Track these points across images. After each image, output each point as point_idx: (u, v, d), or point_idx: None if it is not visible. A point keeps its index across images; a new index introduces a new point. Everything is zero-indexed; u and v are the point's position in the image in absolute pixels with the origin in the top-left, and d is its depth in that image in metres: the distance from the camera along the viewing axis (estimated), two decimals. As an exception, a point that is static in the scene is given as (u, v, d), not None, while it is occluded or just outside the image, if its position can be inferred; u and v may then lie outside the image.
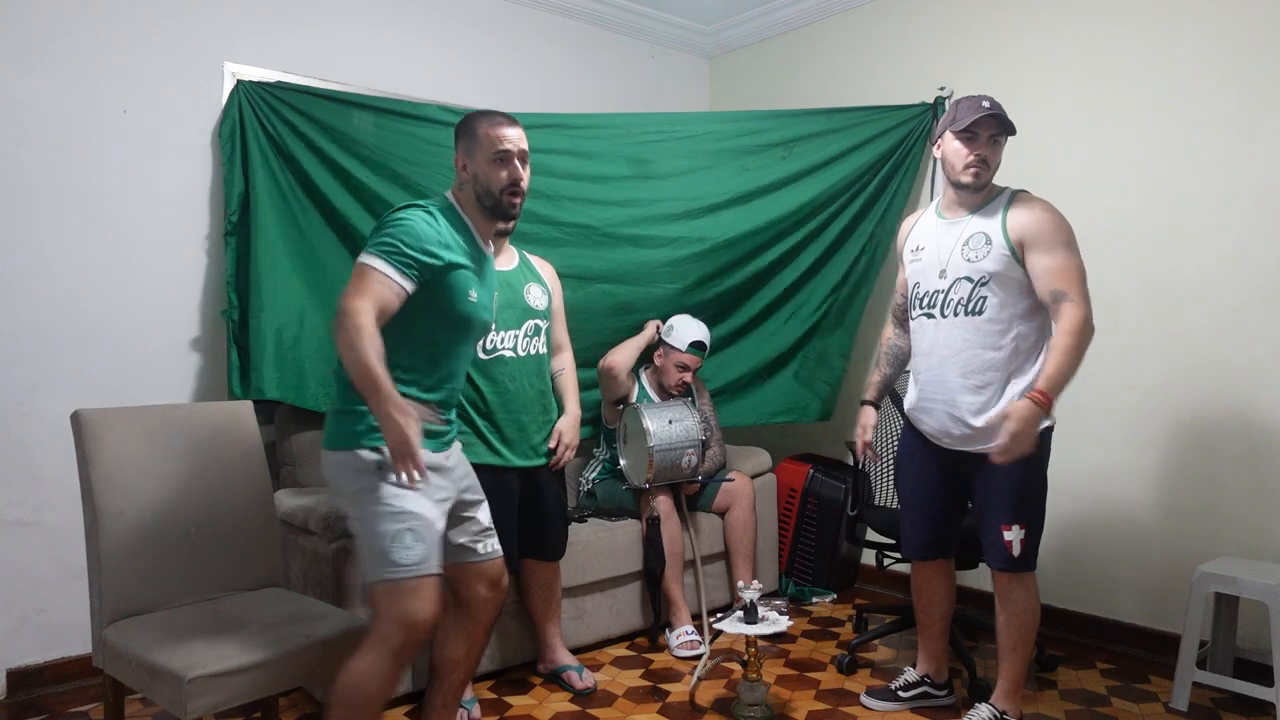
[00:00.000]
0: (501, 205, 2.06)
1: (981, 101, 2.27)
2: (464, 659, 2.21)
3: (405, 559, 1.85)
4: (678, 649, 3.11)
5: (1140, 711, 2.66)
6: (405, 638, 1.84)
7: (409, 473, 1.75)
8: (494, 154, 2.02)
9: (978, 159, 2.27)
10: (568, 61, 4.12)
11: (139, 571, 2.04)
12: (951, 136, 2.31)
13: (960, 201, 2.37)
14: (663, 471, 3.16)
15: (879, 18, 3.93)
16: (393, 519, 1.86)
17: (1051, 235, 2.23)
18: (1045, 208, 2.28)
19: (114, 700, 2.02)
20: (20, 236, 2.77)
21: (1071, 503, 3.28)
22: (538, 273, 2.80)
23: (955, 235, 2.34)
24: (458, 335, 2.04)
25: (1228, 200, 2.92)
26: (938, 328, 2.35)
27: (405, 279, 1.88)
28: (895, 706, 2.63)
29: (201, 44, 3.08)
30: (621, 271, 3.44)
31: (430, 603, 1.87)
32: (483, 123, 2.05)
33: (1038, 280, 2.22)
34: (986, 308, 2.27)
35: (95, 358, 2.88)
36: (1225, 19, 2.92)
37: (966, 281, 2.29)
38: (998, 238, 2.27)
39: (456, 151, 2.08)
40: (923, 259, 2.41)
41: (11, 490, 2.75)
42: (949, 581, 2.62)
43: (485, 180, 2.03)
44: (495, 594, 2.20)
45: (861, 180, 3.65)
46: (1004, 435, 2.11)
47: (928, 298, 2.38)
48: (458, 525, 2.10)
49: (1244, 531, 2.88)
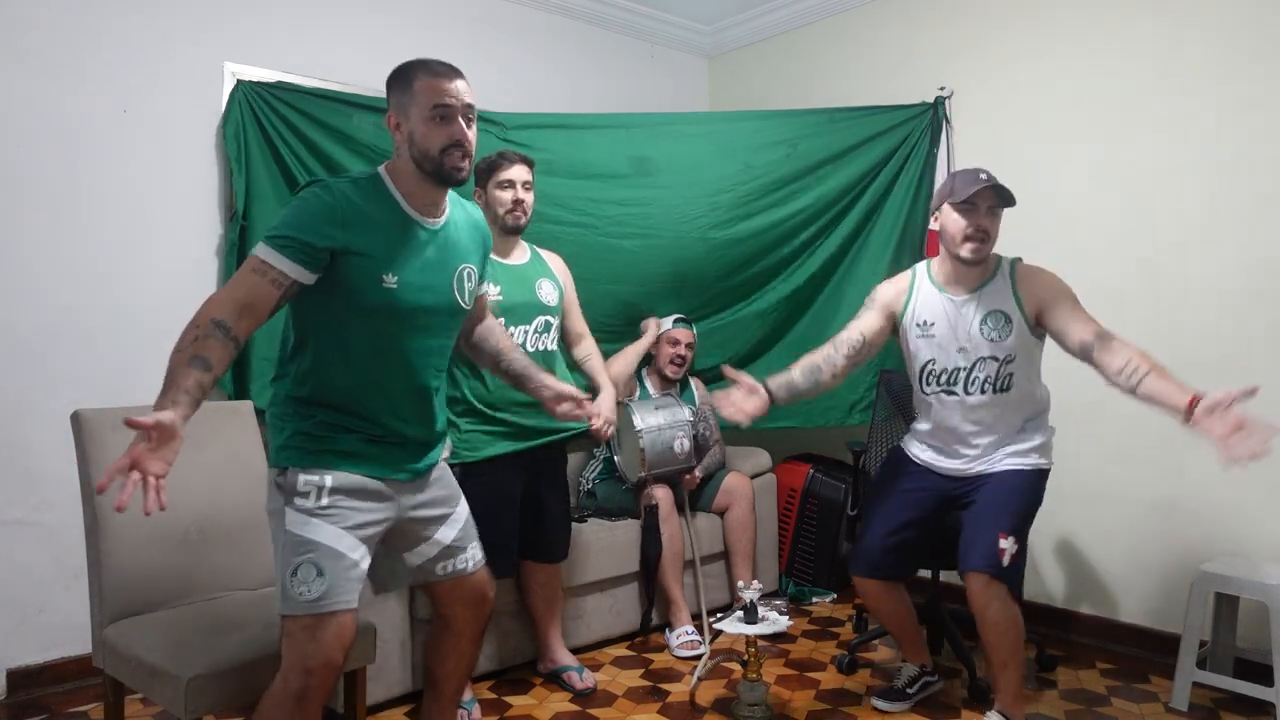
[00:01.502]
0: (444, 168, 1.74)
1: (979, 174, 2.30)
2: (454, 671, 2.08)
3: (302, 594, 1.67)
4: (678, 649, 3.11)
5: (1140, 711, 2.66)
6: (303, 683, 1.66)
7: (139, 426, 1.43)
8: (432, 109, 1.72)
9: (978, 230, 2.28)
10: (567, 61, 4.12)
11: (139, 571, 2.04)
12: (950, 208, 2.32)
13: (960, 277, 2.38)
14: (657, 458, 3.15)
15: (879, 18, 3.93)
16: (292, 549, 1.69)
17: (1064, 293, 2.30)
18: (1046, 272, 2.36)
19: (114, 700, 2.02)
20: (20, 236, 2.77)
21: (1072, 502, 3.28)
22: (549, 268, 2.81)
23: (970, 314, 2.36)
24: (377, 329, 1.75)
25: (1228, 200, 2.92)
26: (963, 406, 2.39)
27: (291, 263, 1.63)
28: (906, 705, 2.64)
29: (201, 44, 3.08)
30: (622, 271, 3.44)
31: (328, 646, 1.67)
32: (420, 73, 1.74)
33: (1069, 335, 2.25)
34: (1014, 384, 2.35)
35: (95, 358, 2.88)
36: (1225, 19, 2.92)
37: (992, 361, 2.34)
38: (1016, 316, 2.33)
39: (389, 108, 1.78)
40: (935, 335, 2.40)
41: (11, 490, 2.75)
42: (898, 591, 2.58)
43: (423, 141, 1.73)
44: (477, 612, 2.03)
45: (864, 180, 3.65)
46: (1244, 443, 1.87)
47: (946, 375, 2.39)
48: (414, 547, 1.92)
49: (1244, 531, 2.88)
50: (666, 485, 3.26)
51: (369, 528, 1.78)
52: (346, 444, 1.76)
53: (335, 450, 1.76)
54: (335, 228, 1.68)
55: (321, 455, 1.75)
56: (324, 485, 1.73)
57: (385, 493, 1.81)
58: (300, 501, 1.72)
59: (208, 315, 1.58)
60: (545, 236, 3.28)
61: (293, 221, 1.66)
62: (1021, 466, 2.40)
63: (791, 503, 3.80)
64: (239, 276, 1.64)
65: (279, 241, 1.64)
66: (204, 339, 1.55)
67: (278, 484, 1.74)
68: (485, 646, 2.81)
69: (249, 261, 1.65)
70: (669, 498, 3.23)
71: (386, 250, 1.74)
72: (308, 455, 1.74)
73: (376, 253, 1.72)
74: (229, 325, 1.58)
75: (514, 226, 2.66)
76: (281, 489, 1.73)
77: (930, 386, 2.44)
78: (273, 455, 1.78)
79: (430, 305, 1.81)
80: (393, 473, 1.82)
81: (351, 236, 1.69)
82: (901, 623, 2.65)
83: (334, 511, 1.73)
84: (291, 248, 1.64)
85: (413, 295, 1.76)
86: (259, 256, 1.64)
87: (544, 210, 3.32)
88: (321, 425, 1.77)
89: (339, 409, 1.77)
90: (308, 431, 1.76)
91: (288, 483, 1.72)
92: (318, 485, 1.73)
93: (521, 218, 2.66)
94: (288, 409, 1.79)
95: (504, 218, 2.64)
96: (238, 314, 1.60)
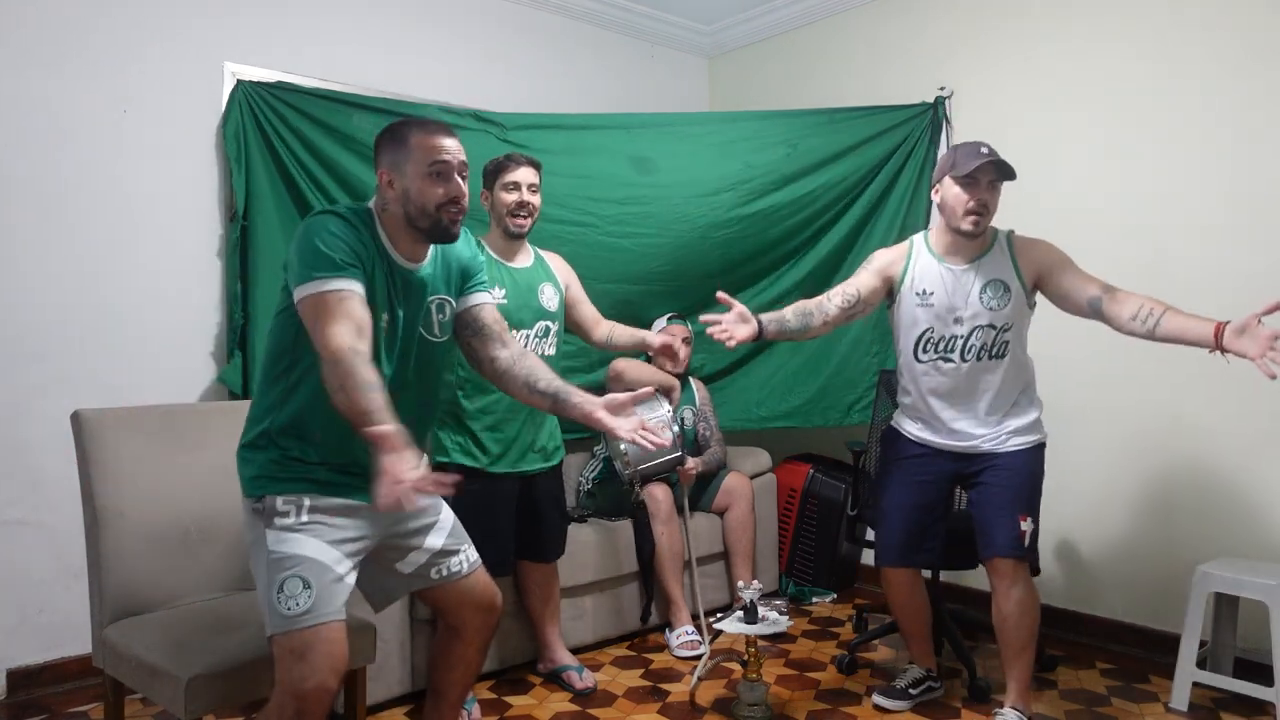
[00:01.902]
0: (442, 223, 1.76)
1: (980, 148, 2.36)
2: (460, 680, 2.06)
3: (290, 609, 1.64)
4: (678, 649, 3.11)
5: (1140, 711, 2.66)
6: (296, 707, 1.62)
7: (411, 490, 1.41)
8: (430, 166, 1.74)
9: (979, 204, 2.34)
10: (568, 61, 4.12)
11: (139, 571, 2.04)
12: (951, 182, 2.38)
13: (959, 248, 2.45)
14: (639, 455, 3.12)
15: (879, 18, 3.93)
16: (275, 567, 1.67)
17: (1062, 257, 2.40)
18: (1043, 241, 2.46)
19: (114, 700, 2.01)
20: (20, 237, 2.77)
21: (1072, 502, 3.28)
22: (551, 272, 2.81)
23: (969, 283, 2.42)
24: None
25: (1228, 199, 2.92)
26: (958, 371, 2.45)
27: (357, 282, 1.65)
28: (907, 705, 2.64)
29: (201, 44, 3.08)
30: (621, 270, 3.44)
31: (319, 669, 1.63)
32: (415, 131, 1.77)
33: (1072, 294, 2.34)
34: (1009, 350, 2.42)
35: (95, 358, 2.88)
36: (1226, 19, 2.92)
37: (990, 329, 2.41)
38: (1015, 285, 2.41)
39: (378, 165, 1.80)
40: (933, 304, 2.45)
41: (11, 490, 2.75)
42: (923, 588, 2.65)
43: (420, 197, 1.74)
44: (486, 618, 2.00)
45: (864, 180, 3.65)
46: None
47: (943, 343, 2.45)
48: (404, 557, 1.90)
49: (1244, 531, 2.88)
50: (665, 484, 3.26)
51: (352, 544, 1.77)
52: (320, 474, 1.76)
53: (309, 479, 1.75)
54: (362, 245, 1.71)
55: (297, 483, 1.74)
56: (303, 504, 1.72)
57: (364, 511, 1.78)
58: (280, 520, 1.70)
59: (338, 349, 1.55)
60: (545, 236, 3.28)
61: (332, 241, 1.66)
62: (1025, 445, 2.47)
63: (791, 503, 3.80)
64: (328, 312, 1.60)
65: (334, 266, 1.63)
66: (353, 368, 1.53)
67: (255, 510, 1.72)
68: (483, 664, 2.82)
69: (324, 299, 1.61)
70: (668, 498, 3.23)
71: (378, 288, 1.74)
72: (283, 483, 1.74)
73: (373, 287, 1.73)
74: (359, 348, 1.57)
75: (516, 232, 2.66)
76: (260, 514, 1.71)
77: (927, 354, 2.48)
78: (247, 486, 1.76)
79: (406, 341, 1.82)
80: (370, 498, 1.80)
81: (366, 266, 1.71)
82: (917, 619, 2.67)
83: (315, 527, 1.72)
84: (349, 267, 1.65)
85: (392, 335, 1.78)
86: (331, 289, 1.61)
87: (544, 210, 3.31)
88: (292, 458, 1.76)
89: (313, 443, 1.76)
90: (280, 460, 1.76)
91: (266, 507, 1.71)
92: (297, 504, 1.72)
93: (525, 222, 2.66)
94: (260, 442, 1.79)
95: (507, 220, 2.64)
96: (356, 335, 1.59)
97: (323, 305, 1.61)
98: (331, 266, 1.64)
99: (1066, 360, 3.29)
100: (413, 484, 1.40)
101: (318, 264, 1.64)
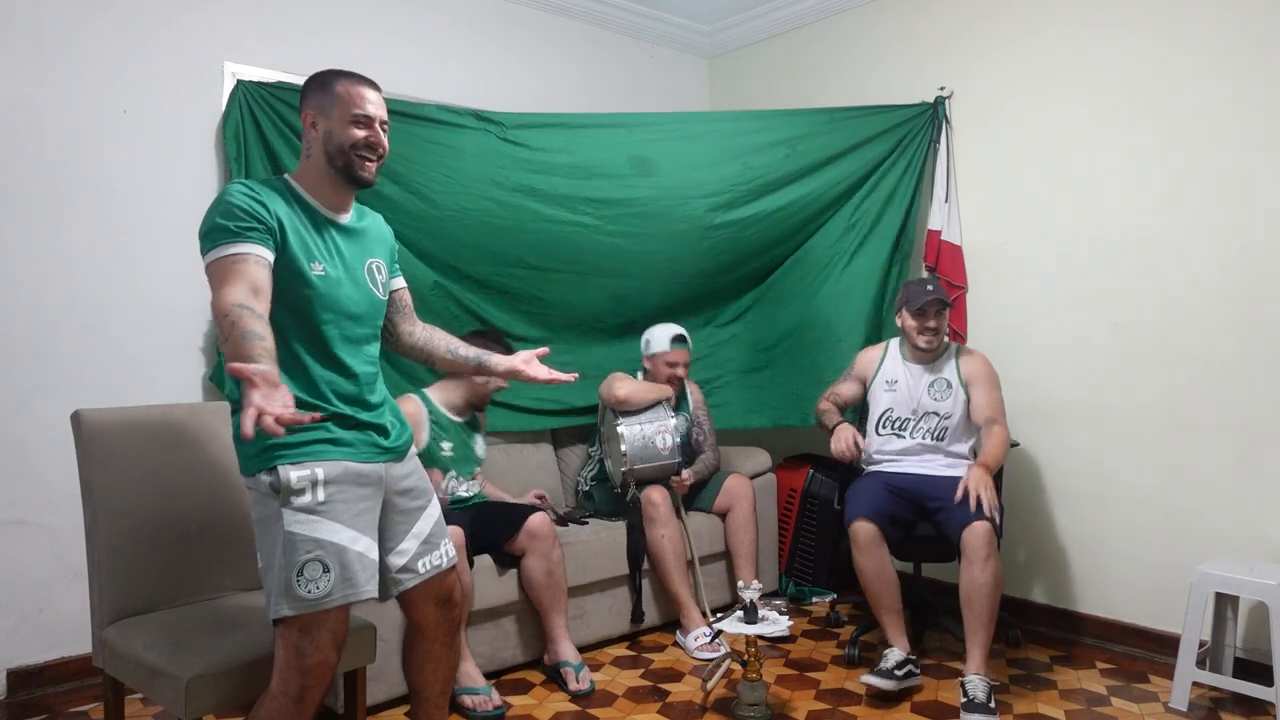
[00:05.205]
0: (353, 164, 1.85)
1: (926, 286, 3.00)
2: (433, 678, 2.07)
3: (309, 593, 1.68)
4: (696, 650, 3.09)
5: (1140, 711, 2.66)
6: (301, 682, 1.68)
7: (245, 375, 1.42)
8: (353, 115, 1.84)
9: (930, 330, 3.00)
10: (568, 61, 4.12)
11: (139, 571, 2.04)
12: (908, 314, 3.03)
13: (919, 357, 3.09)
14: (639, 454, 3.15)
15: (879, 17, 3.93)
16: (294, 548, 1.69)
17: (988, 378, 3.02)
18: (982, 358, 3.08)
19: (114, 700, 2.02)
20: (21, 237, 2.77)
21: (1071, 503, 3.28)
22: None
23: (923, 381, 3.06)
24: (304, 321, 1.80)
25: (1228, 199, 2.92)
26: (904, 444, 3.06)
27: (257, 245, 1.69)
28: (894, 684, 2.69)
29: (201, 44, 3.08)
30: (621, 268, 3.45)
31: (323, 644, 1.70)
32: (343, 80, 1.86)
33: (977, 408, 2.98)
34: (947, 435, 3.03)
35: (95, 358, 2.88)
36: (1226, 19, 2.92)
37: (934, 416, 3.04)
38: (955, 383, 3.04)
39: (304, 108, 1.87)
40: (897, 391, 3.09)
41: (11, 490, 2.75)
42: (890, 563, 2.83)
43: (339, 137, 1.83)
44: (446, 612, 2.03)
45: (864, 180, 3.65)
46: (971, 484, 2.69)
47: (899, 422, 3.08)
48: (398, 544, 1.93)
49: (1244, 531, 2.88)
50: (663, 488, 3.26)
51: (367, 514, 1.83)
52: (320, 432, 1.78)
53: (318, 439, 1.76)
54: (264, 208, 1.74)
55: (307, 446, 1.75)
56: (318, 479, 1.74)
57: (372, 475, 1.84)
58: (298, 500, 1.71)
59: (224, 305, 1.58)
60: (545, 236, 3.29)
61: (230, 211, 1.70)
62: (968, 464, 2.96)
63: (791, 503, 3.80)
64: (222, 276, 1.64)
65: (230, 233, 1.68)
66: (238, 320, 1.55)
67: (271, 486, 1.72)
68: (484, 646, 2.82)
69: (221, 264, 1.66)
70: (666, 501, 3.23)
71: (303, 243, 1.81)
72: (292, 449, 1.74)
73: (296, 244, 1.79)
74: (249, 304, 1.59)
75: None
76: (276, 490, 1.72)
77: (884, 429, 3.09)
78: (252, 461, 1.76)
79: (351, 295, 1.88)
80: (374, 456, 1.86)
81: (280, 219, 1.76)
82: (888, 593, 2.81)
83: (333, 505, 1.74)
84: (248, 231, 1.69)
85: (334, 286, 1.84)
86: (228, 254, 1.66)
87: (544, 210, 3.33)
88: None
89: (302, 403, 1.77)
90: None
91: (281, 483, 1.71)
92: (312, 480, 1.73)
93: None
94: None
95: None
96: (249, 293, 1.61)
97: (220, 270, 1.66)
98: (227, 234, 1.69)
99: (1066, 360, 3.30)
100: (276, 416, 1.41)
101: (215, 234, 1.70)
